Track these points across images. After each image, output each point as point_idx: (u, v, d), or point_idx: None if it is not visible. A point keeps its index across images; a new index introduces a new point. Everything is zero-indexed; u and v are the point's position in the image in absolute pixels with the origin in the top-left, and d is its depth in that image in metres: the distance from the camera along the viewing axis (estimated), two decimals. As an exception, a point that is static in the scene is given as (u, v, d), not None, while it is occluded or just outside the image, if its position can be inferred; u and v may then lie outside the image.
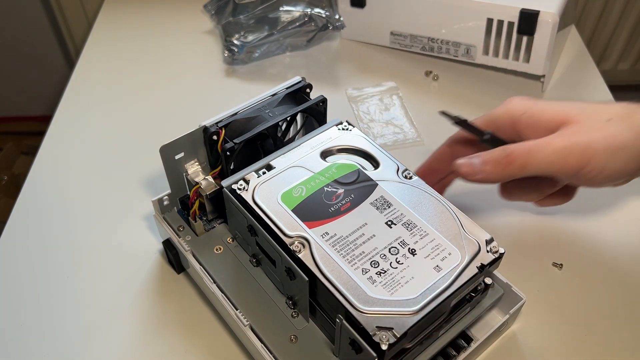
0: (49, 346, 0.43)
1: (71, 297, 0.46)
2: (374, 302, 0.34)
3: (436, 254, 0.36)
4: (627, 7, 1.16)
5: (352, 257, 0.36)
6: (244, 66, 0.71)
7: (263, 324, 0.40)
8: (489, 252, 0.37)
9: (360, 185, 0.41)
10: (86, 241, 0.51)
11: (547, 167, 0.38)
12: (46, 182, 0.57)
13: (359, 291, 0.34)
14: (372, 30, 0.73)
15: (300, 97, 0.47)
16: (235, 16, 0.73)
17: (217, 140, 0.43)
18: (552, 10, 0.60)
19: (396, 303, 0.34)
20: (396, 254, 0.36)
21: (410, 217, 0.39)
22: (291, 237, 0.37)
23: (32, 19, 1.19)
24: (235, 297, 0.41)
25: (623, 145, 0.37)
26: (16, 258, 0.50)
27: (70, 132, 0.63)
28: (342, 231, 0.38)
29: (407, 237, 0.38)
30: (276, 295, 0.41)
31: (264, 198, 0.39)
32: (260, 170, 0.42)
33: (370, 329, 0.32)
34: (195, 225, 0.44)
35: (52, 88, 1.31)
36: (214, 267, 0.43)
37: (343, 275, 0.35)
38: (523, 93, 0.67)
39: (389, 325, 0.33)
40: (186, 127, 0.44)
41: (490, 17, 0.63)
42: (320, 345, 0.39)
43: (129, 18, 0.81)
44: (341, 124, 0.46)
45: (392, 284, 0.35)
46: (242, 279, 0.42)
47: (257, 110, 0.45)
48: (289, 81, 0.47)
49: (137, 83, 0.69)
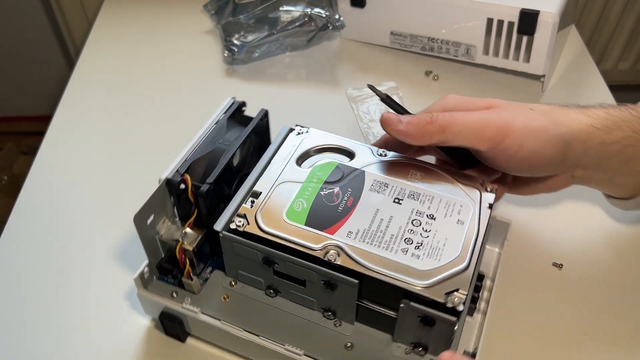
0: (49, 346, 0.43)
1: (71, 298, 0.46)
2: (429, 274, 0.35)
3: (451, 211, 0.39)
4: (627, 7, 1.16)
5: (386, 243, 0.37)
6: (244, 66, 0.71)
7: (315, 345, 0.38)
8: (489, 191, 0.40)
9: (350, 178, 0.41)
10: (86, 241, 0.51)
11: (466, 134, 0.39)
12: (46, 182, 0.56)
13: (411, 270, 0.35)
14: (372, 30, 0.73)
15: (239, 117, 0.45)
16: (235, 16, 0.73)
17: (185, 188, 0.39)
18: (552, 10, 0.60)
19: (448, 266, 0.35)
20: (420, 225, 0.38)
21: (410, 188, 0.40)
22: (321, 249, 0.36)
23: (32, 19, 1.19)
24: (272, 334, 0.39)
25: (541, 128, 0.39)
26: (16, 258, 0.49)
27: (70, 132, 0.63)
28: (362, 224, 0.38)
29: (419, 206, 0.39)
30: (309, 314, 0.40)
31: (272, 224, 0.38)
32: (248, 200, 0.39)
33: (441, 299, 0.34)
34: (193, 284, 0.41)
35: (52, 88, 1.31)
36: (233, 316, 0.40)
37: (389, 263, 0.36)
38: (523, 93, 0.67)
39: (454, 287, 0.34)
40: (186, 127, 0.43)
41: (490, 17, 0.63)
42: (376, 341, 0.39)
43: (129, 18, 0.81)
44: (293, 130, 0.45)
45: (434, 252, 0.36)
46: (267, 314, 0.41)
47: (210, 143, 0.42)
48: (222, 105, 0.45)
49: (137, 83, 0.69)
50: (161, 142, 0.61)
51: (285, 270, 0.38)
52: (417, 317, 0.35)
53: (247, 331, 0.39)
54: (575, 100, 0.66)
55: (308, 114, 0.64)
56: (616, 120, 0.40)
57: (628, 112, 0.41)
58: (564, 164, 0.41)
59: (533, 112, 0.40)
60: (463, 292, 0.34)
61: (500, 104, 0.41)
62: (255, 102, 0.66)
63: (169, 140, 0.61)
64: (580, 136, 0.39)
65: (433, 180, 0.41)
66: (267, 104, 0.65)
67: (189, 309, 0.40)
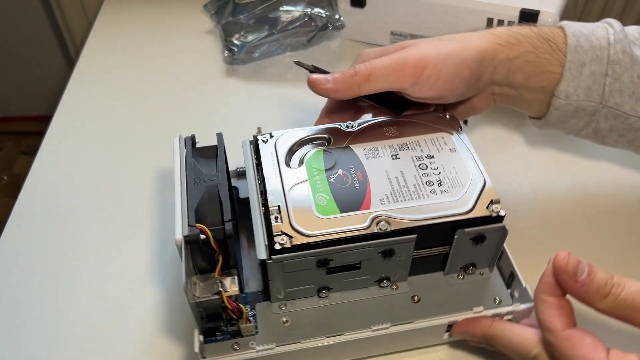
0: (49, 346, 0.43)
1: (71, 297, 0.46)
2: (464, 199, 0.40)
3: (439, 144, 0.44)
4: (627, 7, 1.16)
5: (415, 193, 0.40)
6: (244, 66, 0.71)
7: (390, 313, 0.41)
8: (450, 117, 0.46)
9: (343, 157, 0.43)
10: (86, 241, 0.51)
11: (389, 76, 0.42)
12: (46, 182, 0.56)
13: (450, 204, 0.39)
14: (372, 30, 0.73)
15: (197, 150, 0.44)
16: (235, 16, 0.73)
17: (206, 237, 0.37)
18: (552, 10, 0.60)
19: (472, 187, 0.40)
20: (426, 167, 0.42)
21: (396, 142, 0.44)
22: (370, 225, 0.38)
23: (32, 19, 1.19)
24: (351, 325, 0.39)
25: (452, 52, 0.42)
26: (16, 258, 0.50)
27: (70, 132, 0.63)
28: (385, 189, 0.40)
29: (414, 152, 0.43)
30: (367, 293, 0.42)
31: (312, 227, 0.38)
32: (272, 219, 0.38)
33: (487, 213, 0.39)
34: (250, 326, 0.39)
35: (52, 88, 1.30)
36: (307, 331, 0.39)
37: (432, 207, 0.39)
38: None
39: (488, 200, 0.39)
40: (186, 127, 0.43)
41: (490, 17, 0.63)
42: (432, 283, 0.43)
43: (129, 18, 0.81)
44: (258, 141, 0.44)
45: (454, 182, 0.41)
46: (331, 312, 0.41)
47: (197, 186, 0.40)
48: (177, 145, 0.43)
49: (137, 83, 0.69)
50: (161, 142, 0.61)
51: (341, 262, 0.39)
52: (469, 240, 0.40)
53: (330, 336, 0.39)
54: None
55: (308, 114, 0.63)
56: (517, 37, 0.43)
57: (529, 29, 0.44)
58: (480, 81, 0.44)
59: (442, 41, 0.43)
60: (498, 200, 0.39)
61: (412, 43, 0.44)
62: (255, 102, 0.67)
63: (169, 140, 0.61)
64: (487, 54, 0.42)
65: (406, 128, 0.45)
66: (267, 104, 0.66)
67: (265, 348, 0.38)
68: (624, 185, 0.56)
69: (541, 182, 0.56)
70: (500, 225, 0.39)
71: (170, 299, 0.46)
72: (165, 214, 0.53)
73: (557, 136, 0.61)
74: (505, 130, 0.62)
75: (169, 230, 0.51)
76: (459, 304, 0.41)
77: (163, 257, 0.49)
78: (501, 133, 0.62)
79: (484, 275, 0.43)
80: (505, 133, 0.62)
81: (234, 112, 0.65)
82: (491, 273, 0.43)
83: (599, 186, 0.55)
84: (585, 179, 0.56)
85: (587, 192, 0.55)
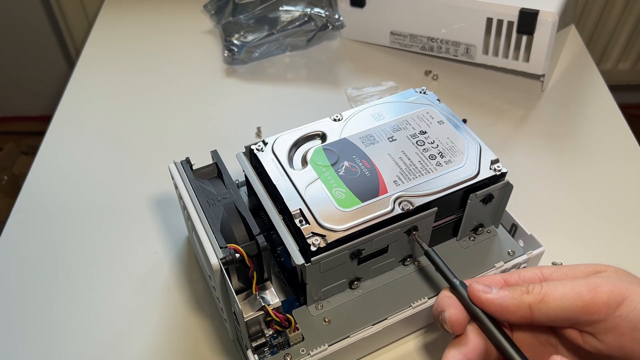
0: (49, 346, 0.43)
1: (71, 297, 0.46)
2: (468, 166, 0.42)
3: (426, 119, 0.46)
4: (627, 7, 1.16)
5: (423, 169, 0.42)
6: (244, 66, 0.71)
7: (422, 287, 0.42)
8: (422, 92, 0.49)
9: (343, 149, 0.43)
10: (86, 241, 0.51)
11: (573, 299, 0.31)
12: (46, 182, 0.57)
13: (458, 172, 0.41)
14: (372, 30, 0.73)
15: (197, 171, 0.43)
16: (235, 16, 0.73)
17: (241, 256, 0.36)
18: (551, 10, 0.60)
19: (472, 153, 0.43)
20: (424, 143, 0.44)
21: (388, 125, 0.45)
22: (393, 208, 0.39)
23: (32, 19, 1.19)
24: (391, 308, 0.40)
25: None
26: (16, 258, 0.50)
27: (70, 132, 0.63)
28: (395, 171, 0.42)
29: (407, 131, 0.45)
30: (394, 274, 0.43)
31: (340, 221, 0.38)
32: (297, 222, 0.38)
33: (492, 173, 0.41)
34: (298, 334, 0.39)
35: (52, 88, 1.31)
36: (351, 324, 0.40)
37: (441, 179, 0.41)
38: (523, 92, 0.67)
39: (489, 160, 0.42)
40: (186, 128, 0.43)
41: (490, 17, 0.63)
42: (449, 250, 0.45)
43: (129, 18, 0.81)
44: (253, 151, 0.44)
45: (453, 152, 0.43)
46: (368, 301, 0.41)
47: (214, 207, 0.39)
48: (175, 171, 0.42)
49: (137, 83, 0.69)
50: (161, 142, 0.61)
51: (371, 250, 0.40)
52: (479, 202, 0.42)
53: (376, 323, 0.40)
54: (575, 100, 0.66)
55: (308, 114, 0.64)
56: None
57: None
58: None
59: None
60: (496, 160, 0.42)
61: (606, 267, 0.33)
62: (255, 101, 0.67)
63: (169, 140, 0.61)
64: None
65: (390, 110, 0.47)
66: (267, 104, 0.66)
67: (319, 351, 0.38)
68: (624, 185, 0.56)
69: (541, 182, 0.56)
70: (505, 181, 0.42)
71: (170, 299, 0.46)
72: (165, 213, 0.53)
73: (558, 136, 0.61)
74: (506, 130, 0.62)
75: (170, 228, 0.51)
76: (480, 264, 0.43)
77: (164, 256, 0.49)
78: (501, 133, 0.62)
79: (491, 233, 0.46)
80: (506, 133, 0.62)
81: (233, 112, 0.65)
82: (497, 229, 0.46)
83: (599, 186, 0.56)
84: (585, 179, 0.56)
85: (587, 192, 0.55)
